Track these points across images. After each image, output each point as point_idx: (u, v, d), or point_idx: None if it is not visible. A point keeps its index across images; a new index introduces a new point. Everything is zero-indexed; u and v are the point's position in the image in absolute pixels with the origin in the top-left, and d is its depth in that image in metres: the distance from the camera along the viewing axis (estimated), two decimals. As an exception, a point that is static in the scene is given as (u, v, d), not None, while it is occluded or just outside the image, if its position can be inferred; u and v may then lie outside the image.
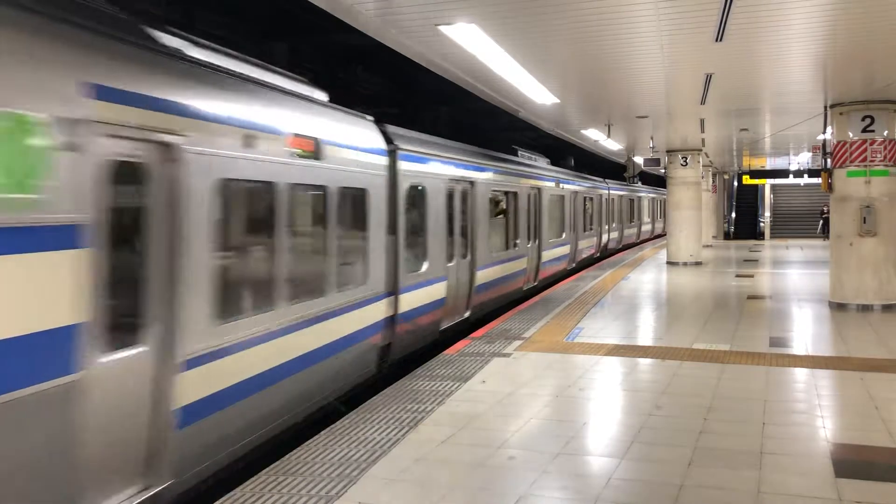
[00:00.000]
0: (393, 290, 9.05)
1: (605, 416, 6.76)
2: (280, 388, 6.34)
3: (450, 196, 11.23)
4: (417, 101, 17.31)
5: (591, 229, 23.33)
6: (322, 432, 6.21)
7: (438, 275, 10.58)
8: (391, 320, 8.97)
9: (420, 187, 10.12)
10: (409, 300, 9.51)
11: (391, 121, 10.12)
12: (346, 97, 12.82)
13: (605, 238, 25.78)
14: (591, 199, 23.54)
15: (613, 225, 27.59)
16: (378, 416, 6.61)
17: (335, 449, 5.77)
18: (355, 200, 8.01)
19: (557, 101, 12.11)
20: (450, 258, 11.16)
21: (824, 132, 13.64)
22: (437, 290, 10.52)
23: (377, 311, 8.49)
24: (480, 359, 8.92)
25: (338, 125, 7.67)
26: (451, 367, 8.53)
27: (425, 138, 10.84)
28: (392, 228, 9.03)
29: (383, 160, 8.81)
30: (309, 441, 5.99)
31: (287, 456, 5.64)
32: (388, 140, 9.27)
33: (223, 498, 4.88)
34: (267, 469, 5.39)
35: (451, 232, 11.21)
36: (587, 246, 22.41)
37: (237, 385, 5.67)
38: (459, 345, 9.82)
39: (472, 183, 12.19)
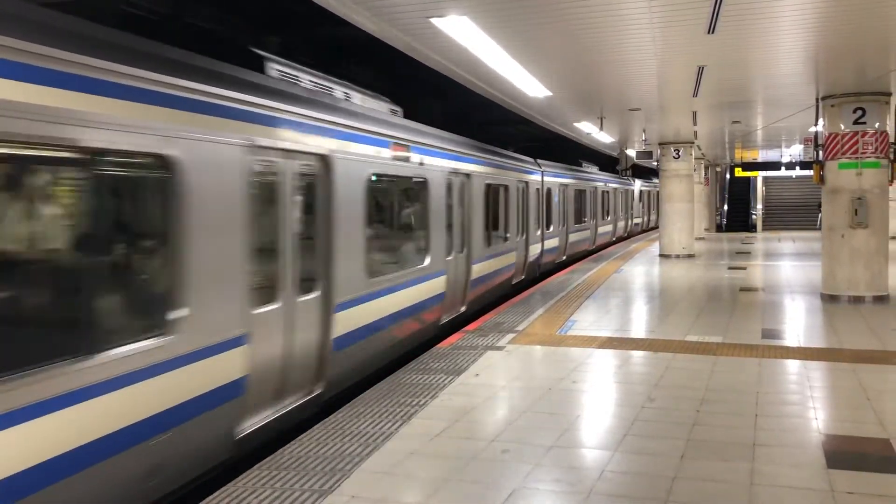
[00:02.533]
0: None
1: (598, 409, 6.77)
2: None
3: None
4: (410, 93, 17.26)
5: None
6: (315, 426, 6.20)
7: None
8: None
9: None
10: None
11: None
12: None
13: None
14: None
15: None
16: (371, 410, 6.61)
17: (328, 443, 5.76)
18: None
19: (550, 93, 12.10)
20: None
21: (816, 124, 13.67)
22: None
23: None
24: (474, 352, 8.92)
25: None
26: (444, 360, 8.53)
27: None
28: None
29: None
30: (302, 435, 5.98)
31: (280, 450, 5.63)
32: None
33: (217, 492, 4.86)
34: (260, 464, 5.37)
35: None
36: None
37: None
38: (453, 338, 9.81)
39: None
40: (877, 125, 12.30)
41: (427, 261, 10.26)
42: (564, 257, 21.24)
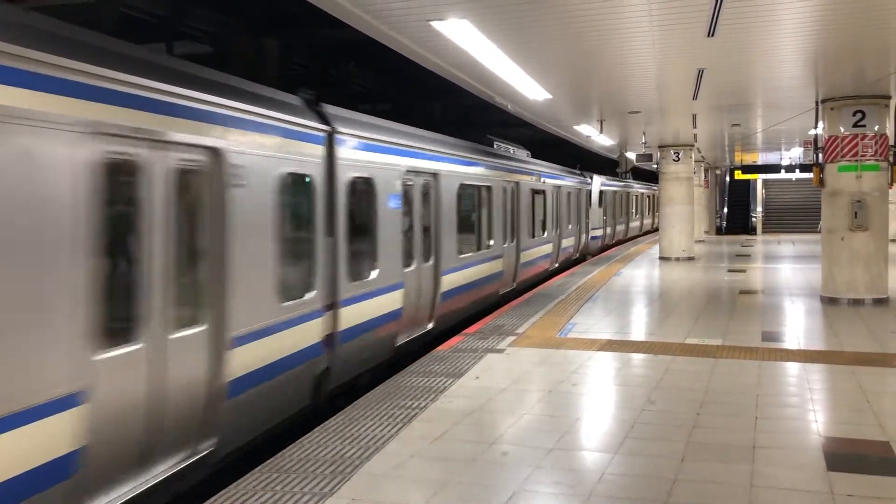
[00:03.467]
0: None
1: (598, 412, 6.78)
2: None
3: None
4: (410, 96, 17.27)
5: None
6: (316, 429, 6.20)
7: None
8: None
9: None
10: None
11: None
12: (338, 94, 12.78)
13: None
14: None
15: None
16: (372, 413, 6.61)
17: (329, 446, 5.76)
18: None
19: (549, 96, 12.11)
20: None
21: (815, 127, 13.69)
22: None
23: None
24: (474, 355, 8.93)
25: None
26: (444, 363, 8.53)
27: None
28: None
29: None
30: (302, 438, 5.98)
31: (281, 453, 5.64)
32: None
33: (217, 495, 4.87)
34: (260, 466, 5.38)
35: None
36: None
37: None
38: (453, 341, 9.82)
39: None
40: (876, 128, 12.31)
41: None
42: (463, 305, 12.03)
